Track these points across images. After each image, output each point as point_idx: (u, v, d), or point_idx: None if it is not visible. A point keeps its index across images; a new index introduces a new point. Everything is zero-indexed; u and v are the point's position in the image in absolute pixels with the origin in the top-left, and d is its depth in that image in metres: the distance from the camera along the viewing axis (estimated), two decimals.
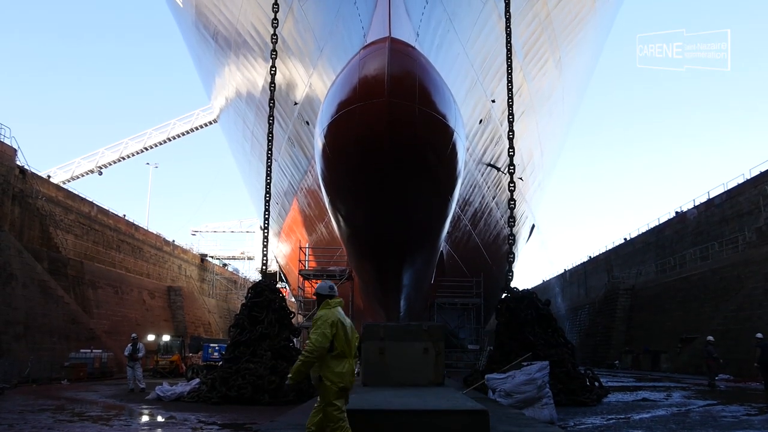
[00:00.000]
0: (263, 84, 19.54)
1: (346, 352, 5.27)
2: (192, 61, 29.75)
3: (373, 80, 9.89)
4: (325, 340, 5.14)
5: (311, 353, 5.14)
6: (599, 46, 27.35)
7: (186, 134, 50.38)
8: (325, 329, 5.18)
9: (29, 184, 29.28)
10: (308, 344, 5.21)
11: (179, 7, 22.50)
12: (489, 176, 22.00)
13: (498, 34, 15.38)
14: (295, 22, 15.50)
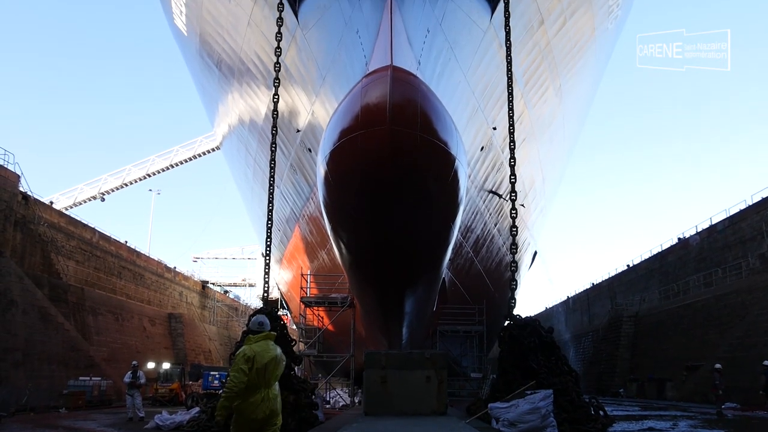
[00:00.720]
0: (266, 111, 19.65)
1: (261, 383, 5.73)
2: (195, 88, 29.97)
3: (375, 108, 9.94)
4: (243, 375, 5.64)
5: (231, 390, 5.62)
6: (599, 74, 27.52)
7: (189, 161, 50.60)
8: (242, 365, 5.67)
9: (32, 210, 29.33)
10: (228, 381, 5.73)
11: (183, 36, 22.72)
12: (491, 203, 22.00)
13: (499, 62, 15.49)
14: (298, 51, 15.64)
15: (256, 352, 5.77)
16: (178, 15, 21.20)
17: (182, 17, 21.03)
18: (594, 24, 19.87)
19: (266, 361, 5.77)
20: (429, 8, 12.33)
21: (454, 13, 13.40)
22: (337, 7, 13.04)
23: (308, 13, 14.53)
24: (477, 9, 14.40)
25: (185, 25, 21.46)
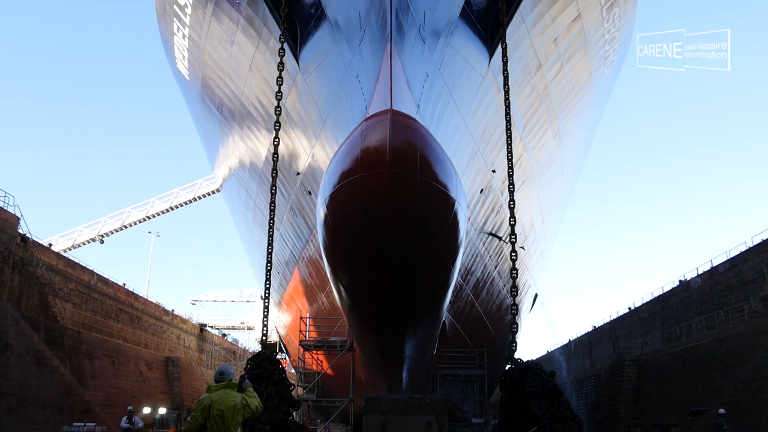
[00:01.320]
0: (266, 154, 19.77)
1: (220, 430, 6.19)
2: (197, 131, 30.23)
3: (374, 151, 9.99)
4: (195, 422, 6.21)
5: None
6: (597, 117, 27.80)
7: (189, 203, 50.76)
8: (197, 413, 6.23)
9: (30, 252, 29.26)
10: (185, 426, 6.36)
11: (185, 80, 23.01)
12: (491, 245, 21.97)
13: (497, 106, 15.65)
14: (298, 95, 15.82)
15: (213, 401, 6.25)
16: (181, 60, 21.51)
17: (185, 62, 21.32)
18: (591, 69, 20.16)
19: (224, 409, 6.20)
20: (428, 53, 12.51)
21: (452, 58, 13.59)
22: (337, 53, 13.23)
23: (309, 58, 14.74)
24: (475, 54, 14.62)
25: (187, 70, 21.75)
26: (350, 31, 12.58)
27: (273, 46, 15.30)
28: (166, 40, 21.85)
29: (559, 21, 17.06)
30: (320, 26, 13.94)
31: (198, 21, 18.28)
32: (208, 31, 18.28)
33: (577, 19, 17.51)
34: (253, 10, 15.82)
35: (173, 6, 18.85)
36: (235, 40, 17.36)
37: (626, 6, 19.19)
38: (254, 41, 16.63)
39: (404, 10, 11.52)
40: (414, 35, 11.87)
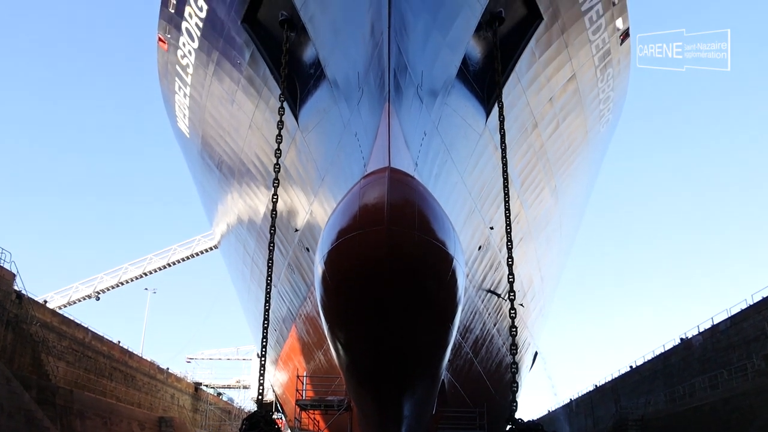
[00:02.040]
0: (265, 211, 19.83)
1: None
2: (196, 188, 30.40)
3: (373, 208, 10.02)
4: None
5: None
6: (594, 174, 28.06)
7: (186, 260, 50.59)
8: None
9: (25, 309, 28.98)
10: None
11: (186, 138, 23.28)
12: (489, 303, 21.83)
13: (494, 163, 15.78)
14: (297, 152, 15.97)
15: None
16: (182, 118, 21.80)
17: (185, 120, 21.61)
18: (586, 127, 20.45)
19: None
20: (426, 112, 12.69)
21: (450, 117, 13.78)
22: (336, 111, 13.42)
23: (308, 117, 14.94)
24: (472, 113, 14.84)
25: (188, 128, 22.02)
26: (349, 91, 12.79)
27: (273, 104, 15.55)
28: (168, 98, 22.19)
29: (555, 81, 17.39)
30: (319, 85, 14.20)
31: (199, 80, 18.62)
32: (209, 91, 18.59)
33: (572, 79, 17.86)
34: (254, 70, 16.13)
35: (175, 66, 19.22)
36: (236, 99, 17.64)
37: (620, 67, 19.60)
38: (254, 100, 16.90)
39: (402, 70, 11.74)
40: (412, 94, 12.07)
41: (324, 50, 13.68)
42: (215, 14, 16.24)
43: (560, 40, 16.52)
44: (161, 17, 18.40)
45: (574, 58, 17.35)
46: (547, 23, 15.73)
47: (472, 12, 13.64)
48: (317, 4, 13.45)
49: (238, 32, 15.75)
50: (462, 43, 13.79)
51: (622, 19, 18.30)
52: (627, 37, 19.11)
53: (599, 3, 16.74)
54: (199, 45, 17.44)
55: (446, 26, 13.19)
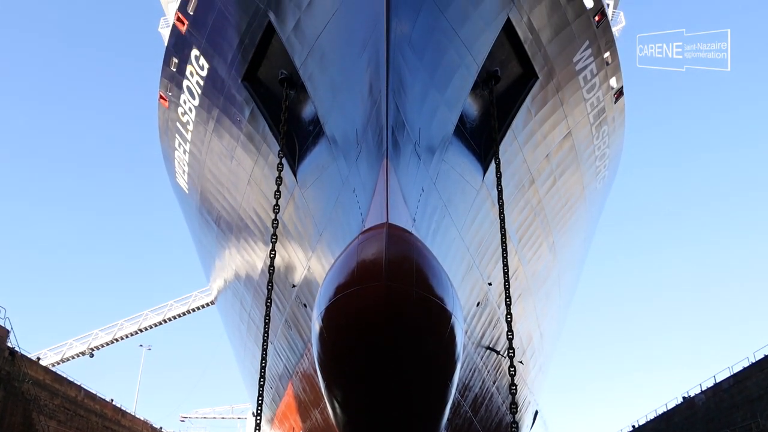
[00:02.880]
0: (262, 267, 19.76)
1: None
2: (193, 243, 30.37)
3: (371, 264, 9.99)
4: None
5: None
6: (592, 230, 28.13)
7: (182, 316, 50.07)
8: None
9: (17, 366, 28.49)
10: None
11: (184, 193, 23.39)
12: (489, 360, 21.54)
13: (492, 219, 15.83)
14: (295, 208, 16.02)
15: None
16: (181, 174, 21.95)
17: (184, 176, 21.75)
18: (583, 183, 20.61)
19: None
20: (423, 168, 12.79)
21: (447, 174, 13.89)
22: (334, 168, 13.53)
23: (306, 173, 15.05)
24: (470, 169, 14.96)
25: (187, 183, 22.15)
26: (347, 147, 12.92)
27: (272, 160, 15.69)
28: (167, 155, 22.40)
29: (551, 138, 17.62)
30: (318, 142, 14.35)
31: (199, 137, 18.83)
32: (208, 147, 18.78)
33: (568, 136, 18.10)
34: (254, 126, 16.34)
35: (176, 123, 19.47)
36: (235, 155, 17.81)
37: (614, 125, 19.90)
38: (253, 156, 17.05)
39: (400, 127, 11.89)
40: (410, 151, 12.19)
41: (323, 108, 13.89)
42: (216, 73, 16.55)
43: (555, 98, 16.81)
44: (163, 75, 18.74)
45: (569, 116, 17.62)
46: (542, 82, 16.03)
47: (469, 71, 13.91)
48: (316, 64, 13.72)
49: (239, 90, 16.02)
50: (459, 100, 14.02)
51: (616, 78, 18.68)
52: (621, 96, 19.47)
53: (593, 63, 17.11)
54: (200, 102, 17.72)
55: (443, 85, 13.43)
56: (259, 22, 14.79)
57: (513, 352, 13.72)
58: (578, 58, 16.69)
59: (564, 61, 16.38)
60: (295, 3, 13.90)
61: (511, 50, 15.28)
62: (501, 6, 14.30)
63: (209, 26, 16.16)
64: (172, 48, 17.82)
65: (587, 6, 16.16)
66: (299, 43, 14.07)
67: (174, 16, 17.31)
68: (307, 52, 13.83)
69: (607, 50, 17.50)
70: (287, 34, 14.26)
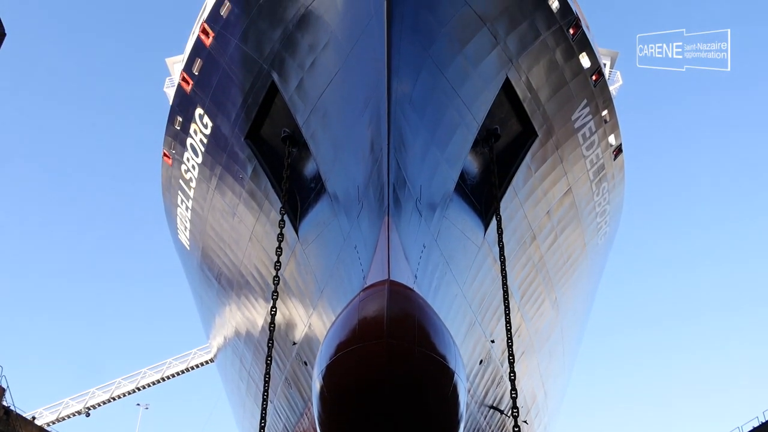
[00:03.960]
0: (263, 324, 19.60)
1: None
2: (194, 300, 30.20)
3: (372, 322, 9.92)
4: None
5: None
6: (594, 286, 27.99)
7: (181, 374, 49.34)
8: None
9: (12, 425, 27.95)
10: None
11: (186, 250, 23.40)
12: (492, 419, 21.12)
13: (494, 276, 15.78)
14: (297, 265, 16.00)
15: None
16: (183, 230, 22.02)
17: (186, 233, 21.81)
18: (584, 240, 20.63)
19: None
20: (425, 225, 12.83)
21: (449, 230, 13.92)
22: (336, 224, 13.57)
23: (308, 229, 15.09)
24: (471, 226, 15.01)
25: (188, 240, 22.18)
26: (349, 204, 13.00)
27: (274, 217, 15.75)
28: (170, 211, 22.51)
29: (551, 194, 17.73)
30: (320, 199, 14.45)
31: (202, 194, 18.96)
32: (211, 204, 18.89)
33: (568, 193, 18.21)
34: (256, 183, 16.48)
35: (179, 180, 19.63)
36: (237, 211, 17.89)
37: (614, 181, 20.04)
38: (255, 213, 17.13)
39: (401, 184, 11.99)
40: (411, 208, 12.25)
41: (325, 165, 14.03)
42: (219, 131, 16.79)
43: (555, 156, 16.99)
44: (167, 134, 19.01)
45: (569, 173, 17.77)
46: (542, 139, 16.24)
47: (469, 129, 14.12)
48: (319, 122, 13.94)
49: (242, 148, 16.22)
50: (459, 158, 14.17)
51: (615, 136, 18.91)
52: (620, 153, 19.67)
53: (591, 120, 17.36)
54: (203, 160, 17.91)
55: (444, 142, 13.61)
56: (263, 82, 15.09)
57: (517, 411, 13.48)
58: (577, 116, 16.94)
59: (563, 119, 16.63)
60: (298, 63, 14.21)
61: (510, 109, 15.54)
62: (500, 66, 14.61)
63: (213, 86, 16.48)
64: (176, 107, 18.13)
65: (584, 66, 16.49)
66: (302, 102, 14.33)
67: (179, 76, 17.67)
68: (309, 111, 14.07)
69: (604, 108, 17.77)
70: (290, 94, 14.54)
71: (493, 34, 14.12)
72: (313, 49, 13.83)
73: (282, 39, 14.31)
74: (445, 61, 13.28)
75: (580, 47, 16.11)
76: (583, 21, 16.27)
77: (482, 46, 14.08)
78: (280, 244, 13.72)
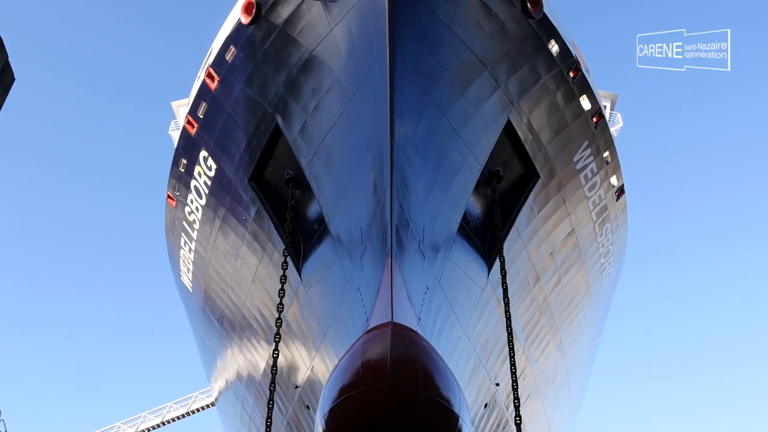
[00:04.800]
0: (264, 367, 19.42)
1: None
2: (195, 343, 29.98)
3: (375, 364, 9.86)
4: None
5: None
6: (600, 327, 27.76)
7: (182, 418, 48.74)
8: None
9: None
10: None
11: (188, 292, 23.33)
12: None
13: (498, 318, 15.70)
14: (299, 307, 15.93)
15: None
16: (185, 272, 21.99)
17: (189, 274, 21.78)
18: (588, 281, 20.55)
19: None
20: (428, 267, 12.82)
21: (452, 272, 13.90)
22: (339, 266, 13.56)
23: (311, 271, 15.08)
24: (474, 267, 14.98)
25: (191, 282, 22.14)
26: (352, 246, 13.01)
27: (277, 259, 15.75)
28: (172, 253, 22.52)
29: (554, 236, 17.73)
30: (323, 240, 14.47)
31: (205, 236, 19.01)
32: (214, 246, 18.92)
33: (571, 234, 18.21)
34: (259, 225, 16.52)
35: (182, 222, 19.71)
36: (240, 253, 17.90)
37: (617, 222, 20.05)
38: (258, 255, 17.14)
39: (404, 226, 12.02)
40: (414, 249, 12.27)
41: (328, 207, 14.09)
42: (223, 173, 16.92)
43: (557, 197, 17.05)
44: (171, 176, 19.15)
45: (572, 214, 17.80)
46: (544, 181, 16.32)
47: (471, 170, 14.21)
48: (322, 164, 14.05)
49: (245, 190, 16.32)
50: (462, 199, 14.23)
51: (617, 177, 19.00)
52: (622, 194, 19.73)
53: (593, 162, 17.46)
54: (207, 202, 18.00)
55: (446, 184, 13.69)
56: (267, 125, 15.26)
57: None
58: (578, 158, 17.05)
59: (564, 161, 16.73)
60: (302, 106, 14.40)
61: (512, 150, 15.66)
62: (501, 108, 14.78)
63: (218, 129, 16.67)
64: (181, 149, 18.30)
65: (585, 108, 16.66)
66: (305, 144, 14.47)
67: (184, 120, 17.88)
68: (313, 153, 14.20)
69: (606, 150, 17.89)
70: (294, 136, 14.70)
71: (494, 77, 14.32)
72: (317, 93, 14.03)
73: (286, 83, 14.52)
74: (447, 104, 13.45)
75: (580, 90, 16.31)
76: (582, 64, 16.50)
77: (484, 89, 14.28)
78: (283, 286, 13.70)
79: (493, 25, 14.12)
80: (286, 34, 14.19)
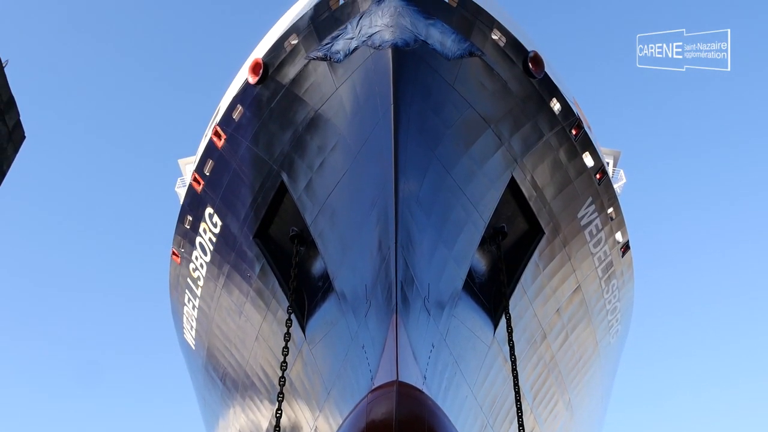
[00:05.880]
0: (267, 426, 19.04)
1: None
2: (197, 401, 29.50)
3: (381, 425, 9.66)
4: None
5: None
6: (609, 385, 27.26)
7: None
8: None
9: None
10: None
11: (191, 350, 23.08)
12: None
13: (505, 376, 15.44)
14: (303, 365, 15.71)
15: None
16: (188, 330, 21.81)
17: (192, 332, 21.59)
18: (596, 338, 20.28)
19: None
20: (433, 324, 12.68)
21: (457, 329, 13.74)
22: (343, 323, 13.43)
23: (315, 329, 14.92)
24: (480, 324, 14.82)
25: (194, 340, 21.93)
26: (357, 303, 12.91)
27: (281, 316, 15.62)
28: (176, 310, 22.38)
29: (560, 292, 17.59)
30: (327, 298, 14.37)
31: (209, 293, 18.91)
32: (218, 303, 18.81)
33: (578, 290, 18.07)
34: (263, 282, 16.45)
35: (187, 279, 19.64)
36: (244, 310, 17.78)
37: (623, 278, 19.92)
38: (262, 312, 17.01)
39: (409, 283, 11.94)
40: (419, 307, 12.16)
41: (332, 264, 14.05)
42: (229, 230, 16.95)
43: (563, 253, 16.98)
44: (177, 233, 19.19)
45: (577, 270, 17.70)
46: (549, 237, 16.29)
47: (476, 227, 14.21)
48: (327, 221, 14.08)
49: (250, 246, 16.31)
50: (467, 256, 14.18)
51: (621, 233, 18.96)
52: (628, 250, 19.65)
53: (597, 218, 17.46)
54: (211, 258, 17.99)
55: (451, 241, 13.67)
56: (272, 182, 15.38)
57: None
58: (583, 214, 17.06)
59: (569, 217, 16.74)
60: (307, 164, 14.52)
61: (516, 207, 15.70)
62: (505, 165, 14.88)
63: (224, 186, 16.79)
64: (187, 206, 18.39)
65: (588, 164, 16.77)
66: (310, 201, 14.53)
67: (191, 177, 18.03)
68: (317, 210, 14.25)
69: (610, 206, 17.91)
70: (299, 193, 14.78)
71: (498, 134, 14.48)
72: (322, 151, 14.17)
73: (292, 141, 14.70)
74: (451, 161, 13.56)
75: (582, 147, 16.44)
76: (584, 121, 16.69)
77: (487, 147, 14.41)
78: (287, 344, 13.55)
79: (496, 84, 14.36)
80: (293, 94, 14.44)
